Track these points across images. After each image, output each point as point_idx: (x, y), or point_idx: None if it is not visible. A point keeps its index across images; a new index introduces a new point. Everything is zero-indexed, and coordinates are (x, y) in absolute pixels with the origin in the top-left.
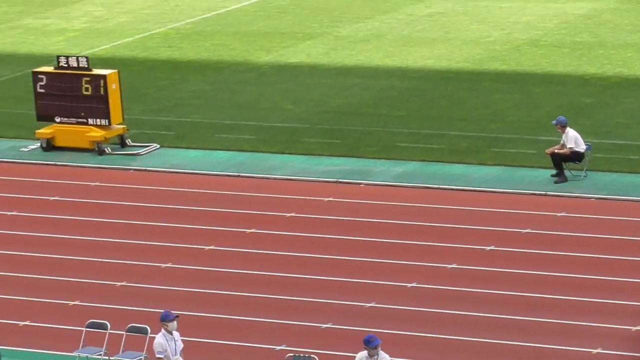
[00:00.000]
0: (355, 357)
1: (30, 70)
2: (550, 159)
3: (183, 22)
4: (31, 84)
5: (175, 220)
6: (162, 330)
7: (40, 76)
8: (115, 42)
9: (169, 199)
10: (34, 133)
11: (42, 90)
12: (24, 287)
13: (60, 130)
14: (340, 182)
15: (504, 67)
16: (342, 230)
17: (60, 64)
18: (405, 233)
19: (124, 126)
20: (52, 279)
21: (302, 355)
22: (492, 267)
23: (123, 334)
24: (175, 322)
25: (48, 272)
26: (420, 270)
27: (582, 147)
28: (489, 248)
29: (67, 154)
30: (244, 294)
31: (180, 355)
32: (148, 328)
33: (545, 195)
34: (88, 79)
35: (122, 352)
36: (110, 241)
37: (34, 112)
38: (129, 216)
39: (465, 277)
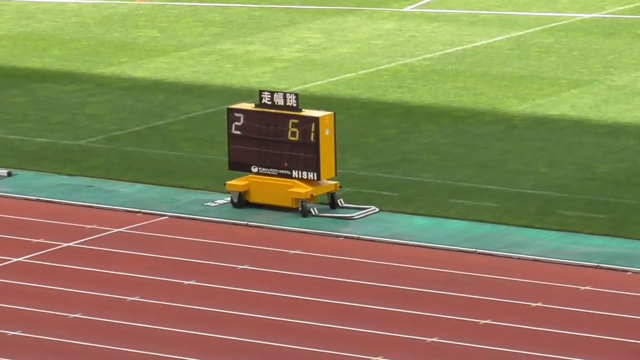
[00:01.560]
0: None
1: (225, 107)
2: None
3: (419, 58)
4: (225, 123)
5: (392, 303)
6: None
7: (237, 114)
8: (332, 77)
9: (386, 276)
10: (224, 184)
11: (238, 132)
12: None
13: (256, 182)
14: (601, 267)
15: None
16: (599, 327)
17: (263, 101)
18: None
19: (337, 182)
20: None
21: None
22: None
23: None
24: None
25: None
26: None
27: None
28: None
29: (263, 213)
30: None
31: None
32: None
33: None
34: (296, 121)
35: None
36: (307, 324)
37: (225, 159)
38: (334, 294)
39: None
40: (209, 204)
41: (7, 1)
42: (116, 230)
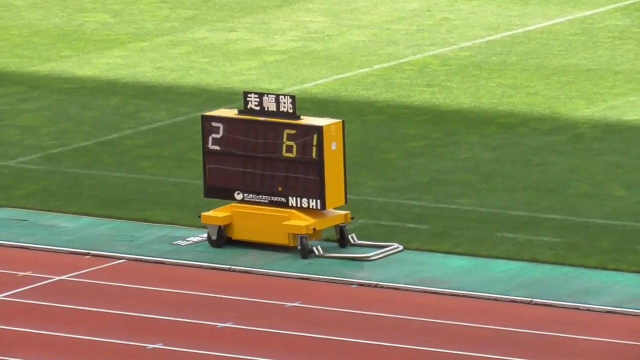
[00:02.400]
0: None
1: (199, 114)
2: None
3: (454, 47)
4: (199, 136)
5: None
6: None
7: (215, 124)
8: (340, 73)
9: (414, 336)
10: (199, 217)
11: (217, 148)
12: None
13: (241, 213)
14: None
15: None
16: None
17: (249, 106)
18: None
19: (347, 212)
20: None
21: None
22: None
23: None
24: None
25: None
26: None
27: None
28: None
29: (251, 254)
30: None
31: None
32: None
33: None
34: (293, 132)
35: None
36: None
37: (200, 182)
38: None
39: None
40: (179, 242)
41: None
42: (57, 278)
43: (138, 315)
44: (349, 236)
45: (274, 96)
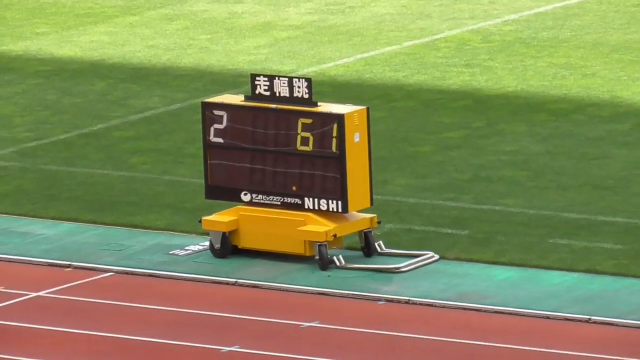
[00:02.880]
0: None
1: (198, 101)
2: None
3: (497, 21)
4: (199, 126)
5: None
6: None
7: (217, 112)
8: (364, 52)
9: None
10: (199, 221)
11: (220, 140)
12: None
13: (248, 217)
14: None
15: None
16: None
17: (258, 91)
18: None
19: (373, 216)
20: None
21: None
22: None
23: None
24: None
25: None
26: None
27: None
28: None
29: (260, 265)
30: None
31: None
32: None
33: None
34: (309, 121)
35: None
36: None
37: (201, 181)
38: None
39: None
40: (175, 252)
41: None
42: (34, 294)
43: (128, 338)
44: (376, 244)
45: (287, 79)
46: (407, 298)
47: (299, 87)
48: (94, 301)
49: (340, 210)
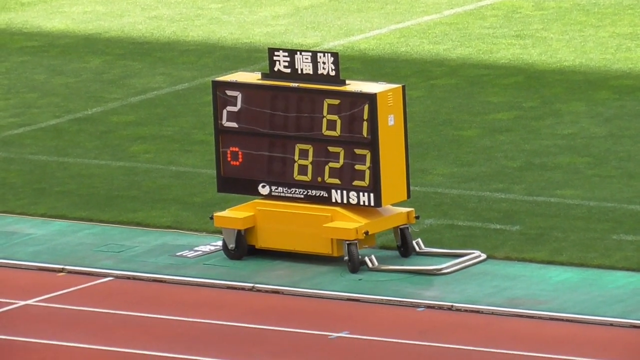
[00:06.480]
0: None
1: (209, 79)
2: None
3: None
4: (209, 109)
5: None
6: None
7: (230, 93)
8: (399, 22)
9: None
10: (211, 218)
11: (234, 125)
12: None
13: (267, 213)
14: None
15: None
16: None
17: (277, 68)
18: None
19: (411, 210)
20: None
21: None
22: None
23: None
24: None
25: None
26: None
27: None
28: None
29: (282, 267)
30: None
31: None
32: None
33: None
34: (336, 101)
35: None
36: None
37: (211, 172)
38: None
39: None
40: (184, 253)
41: None
42: (22, 303)
43: (131, 352)
44: (414, 242)
45: (310, 54)
46: (450, 304)
47: (324, 63)
48: (91, 310)
49: (372, 204)
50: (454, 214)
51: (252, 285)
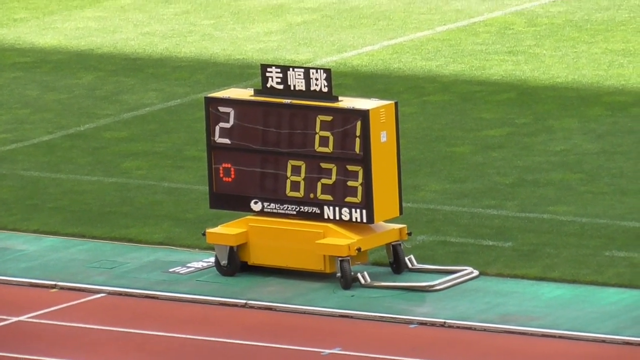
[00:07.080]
0: None
1: (201, 95)
2: None
3: (544, 1)
4: (202, 125)
5: None
6: None
7: (222, 109)
8: (391, 38)
9: None
10: (203, 234)
11: (226, 141)
12: None
13: (260, 230)
14: None
15: None
16: None
17: (269, 84)
18: None
19: (402, 226)
20: None
21: None
22: None
23: None
24: None
25: None
26: None
27: None
28: None
29: (274, 284)
30: None
31: None
32: None
33: None
34: (328, 118)
35: None
36: None
37: (204, 188)
38: None
39: None
40: (176, 269)
41: None
42: (14, 319)
43: None
44: (406, 258)
45: (303, 70)
46: (442, 320)
47: (316, 79)
48: (83, 326)
49: (364, 220)
50: (447, 231)
51: (244, 301)
